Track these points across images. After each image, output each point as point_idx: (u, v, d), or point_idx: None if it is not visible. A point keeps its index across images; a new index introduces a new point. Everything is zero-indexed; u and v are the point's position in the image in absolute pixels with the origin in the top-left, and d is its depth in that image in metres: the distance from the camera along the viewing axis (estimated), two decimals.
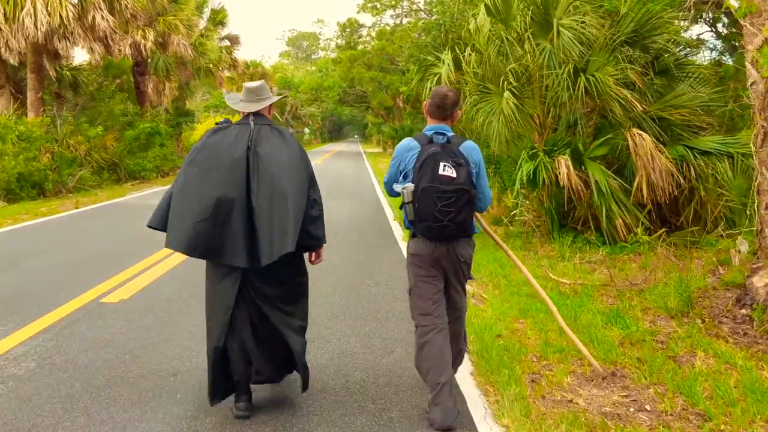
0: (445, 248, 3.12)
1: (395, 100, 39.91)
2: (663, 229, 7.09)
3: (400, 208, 3.20)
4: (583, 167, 7.87)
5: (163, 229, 3.07)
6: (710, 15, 19.41)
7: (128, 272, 6.43)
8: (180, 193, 3.06)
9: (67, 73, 18.89)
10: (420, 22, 30.15)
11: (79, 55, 52.53)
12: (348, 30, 47.06)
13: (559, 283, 5.95)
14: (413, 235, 3.22)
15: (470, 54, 9.35)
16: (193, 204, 2.99)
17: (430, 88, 9.66)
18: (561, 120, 8.60)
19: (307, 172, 3.18)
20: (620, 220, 7.45)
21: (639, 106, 7.69)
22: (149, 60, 21.36)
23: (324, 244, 3.29)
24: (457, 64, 9.53)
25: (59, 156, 15.25)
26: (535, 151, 8.01)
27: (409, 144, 3.23)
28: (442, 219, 2.97)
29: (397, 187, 3.13)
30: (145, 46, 18.70)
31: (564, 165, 7.60)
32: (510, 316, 4.90)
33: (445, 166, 2.99)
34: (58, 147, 15.54)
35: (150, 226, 3.14)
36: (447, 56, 9.83)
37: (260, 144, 3.08)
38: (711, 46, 17.43)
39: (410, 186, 3.04)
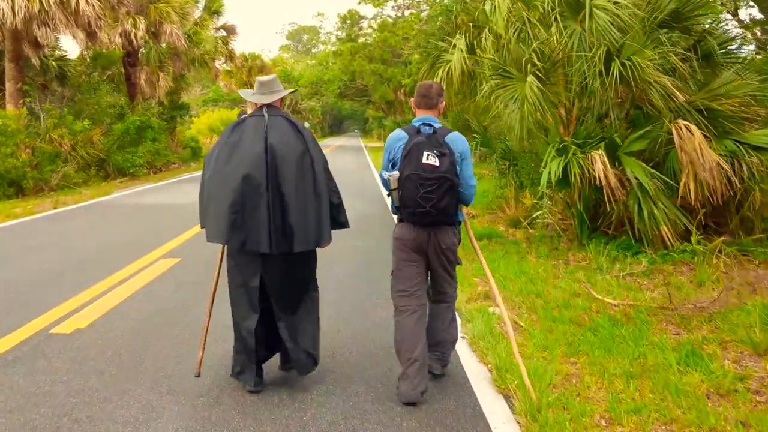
0: (426, 234, 3.26)
1: (397, 93, 38.98)
2: (722, 238, 6.11)
3: (388, 195, 3.35)
4: (617, 164, 6.92)
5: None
6: (732, 1, 18.47)
7: (93, 290, 5.44)
8: (207, 189, 3.27)
9: (53, 63, 17.86)
10: (423, 14, 29.14)
11: (74, 49, 51.66)
12: (348, 22, 46.15)
13: (606, 304, 4.97)
14: (400, 220, 3.37)
15: (486, 38, 8.37)
16: (221, 196, 3.16)
17: (441, 77, 8.76)
18: (590, 111, 7.61)
19: (324, 160, 3.35)
20: (666, 225, 6.48)
21: (680, 95, 6.73)
22: (141, 50, 20.36)
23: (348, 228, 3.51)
24: (471, 50, 8.57)
25: (40, 151, 14.22)
26: (564, 144, 7.03)
27: (398, 135, 3.37)
28: (425, 205, 3.10)
29: (385, 174, 3.27)
30: (135, 35, 17.79)
31: (599, 161, 6.63)
32: (558, 354, 3.92)
33: (428, 155, 3.11)
34: (39, 142, 14.50)
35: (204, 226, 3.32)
36: (460, 41, 8.86)
37: (275, 134, 3.22)
38: (730, 35, 16.56)
39: (396, 173, 3.17)
